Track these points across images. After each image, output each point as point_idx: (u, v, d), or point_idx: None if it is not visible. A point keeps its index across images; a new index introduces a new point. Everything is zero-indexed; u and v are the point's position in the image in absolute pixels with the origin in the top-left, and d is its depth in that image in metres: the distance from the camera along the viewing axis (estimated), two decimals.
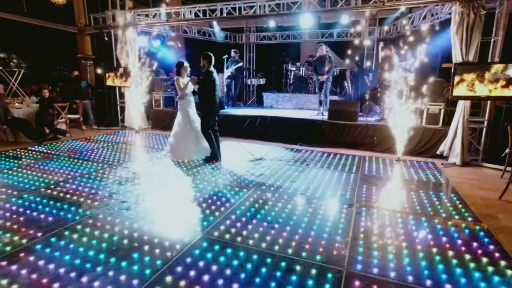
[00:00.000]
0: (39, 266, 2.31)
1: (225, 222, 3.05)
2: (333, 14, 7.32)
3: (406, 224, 3.07)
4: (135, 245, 2.62)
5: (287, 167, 5.07)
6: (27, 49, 11.55)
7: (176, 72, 5.37)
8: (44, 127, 6.85)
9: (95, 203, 3.48)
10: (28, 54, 8.94)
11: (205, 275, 2.21)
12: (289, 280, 2.17)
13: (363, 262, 2.40)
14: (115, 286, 2.09)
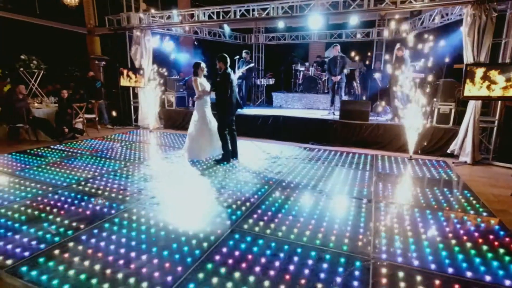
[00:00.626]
0: (89, 255, 2.50)
1: (252, 216, 3.23)
2: (343, 15, 7.43)
3: (424, 217, 3.24)
4: (172, 236, 2.81)
5: (303, 165, 5.24)
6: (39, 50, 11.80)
7: (193, 72, 5.41)
8: (64, 127, 7.08)
9: (127, 198, 3.68)
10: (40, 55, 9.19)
11: (242, 263, 2.40)
12: (320, 267, 2.35)
13: (387, 252, 2.57)
14: (162, 273, 2.28)
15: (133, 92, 9.13)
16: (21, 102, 6.47)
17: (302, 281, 2.20)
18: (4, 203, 3.47)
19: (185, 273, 2.27)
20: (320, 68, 10.39)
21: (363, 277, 2.24)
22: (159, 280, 2.19)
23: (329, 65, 7.89)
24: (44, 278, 2.21)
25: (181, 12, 7.99)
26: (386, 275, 2.26)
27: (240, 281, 2.19)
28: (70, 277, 2.23)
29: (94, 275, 2.25)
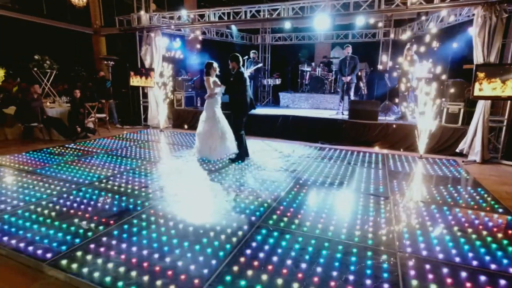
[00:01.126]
0: (123, 249, 2.59)
1: (275, 212, 3.32)
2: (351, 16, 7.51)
3: (442, 214, 3.33)
4: (201, 232, 2.90)
5: (316, 163, 5.33)
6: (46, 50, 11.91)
7: (205, 72, 5.40)
8: (77, 126, 7.17)
9: (150, 195, 3.77)
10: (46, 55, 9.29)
11: (273, 257, 2.49)
12: (349, 260, 2.44)
13: (411, 246, 2.66)
14: (197, 266, 2.37)
15: (143, 92, 9.22)
16: (36, 101, 6.56)
17: (334, 273, 2.29)
18: (32, 199, 3.55)
19: (220, 266, 2.36)
20: (327, 69, 10.49)
21: (392, 269, 2.33)
22: (196, 273, 2.28)
23: (340, 65, 7.95)
24: (85, 270, 2.30)
25: (191, 12, 8.08)
26: (414, 267, 2.35)
27: (274, 273, 2.28)
28: (109, 270, 2.31)
29: (132, 268, 2.34)
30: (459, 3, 5.65)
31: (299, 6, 6.84)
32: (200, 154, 5.53)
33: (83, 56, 15.40)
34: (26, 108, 6.47)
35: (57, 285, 2.24)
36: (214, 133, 5.41)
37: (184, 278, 2.22)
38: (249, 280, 2.20)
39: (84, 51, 15.75)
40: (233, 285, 2.15)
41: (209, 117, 5.40)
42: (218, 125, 5.42)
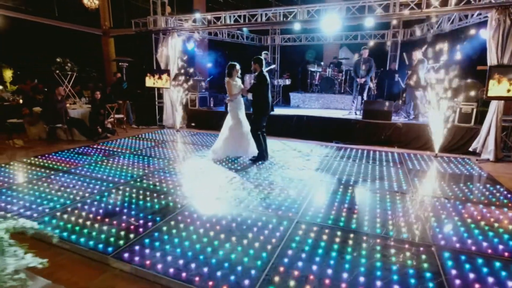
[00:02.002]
0: (176, 243, 2.78)
1: (310, 208, 3.51)
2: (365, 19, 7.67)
3: (467, 209, 3.52)
4: (244, 227, 3.09)
5: (337, 162, 5.52)
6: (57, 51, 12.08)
7: (227, 73, 5.44)
8: (98, 126, 7.36)
9: (186, 194, 3.96)
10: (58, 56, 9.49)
11: (318, 249, 2.68)
12: (389, 252, 2.64)
13: (444, 239, 2.86)
14: (250, 258, 2.56)
15: (158, 93, 9.40)
16: (60, 103, 6.75)
17: (377, 263, 2.48)
18: (77, 197, 3.75)
19: (271, 258, 2.56)
20: (337, 69, 10.66)
21: (431, 261, 2.53)
22: (250, 265, 2.47)
23: (355, 66, 8.12)
24: (148, 262, 2.49)
25: (208, 15, 8.25)
26: (451, 258, 2.55)
27: (323, 264, 2.47)
28: (169, 262, 2.51)
29: (189, 260, 2.53)
30: (473, 6, 5.83)
31: (315, 10, 7.01)
32: (222, 154, 5.64)
33: (92, 57, 15.58)
34: (51, 110, 6.65)
35: (123, 276, 2.43)
36: (236, 136, 5.55)
37: (241, 269, 2.41)
38: (301, 270, 2.40)
39: (93, 52, 15.93)
40: (287, 275, 2.34)
41: (233, 118, 5.54)
42: (241, 128, 5.56)
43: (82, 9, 15.17)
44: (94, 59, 15.69)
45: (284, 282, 2.25)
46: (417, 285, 2.22)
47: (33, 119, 7.06)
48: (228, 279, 2.29)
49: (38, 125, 7.05)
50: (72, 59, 13.53)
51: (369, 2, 6.52)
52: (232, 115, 5.57)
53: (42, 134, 7.14)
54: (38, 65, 12.78)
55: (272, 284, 2.24)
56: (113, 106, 7.80)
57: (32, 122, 7.08)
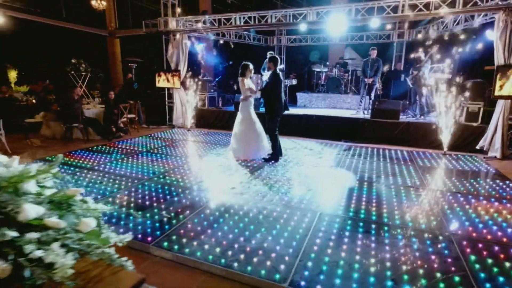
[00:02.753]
0: (210, 234, 2.96)
1: (330, 202, 3.69)
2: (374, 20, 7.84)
3: (480, 202, 3.70)
4: (271, 219, 3.26)
5: (349, 160, 5.70)
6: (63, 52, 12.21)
7: (240, 73, 5.49)
8: (112, 126, 7.53)
9: (209, 189, 4.13)
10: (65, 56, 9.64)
11: (343, 238, 2.86)
12: (412, 241, 2.81)
13: (460, 229, 3.03)
14: (281, 246, 2.73)
15: (168, 93, 9.57)
16: (77, 103, 6.92)
17: (402, 250, 2.66)
18: (107, 193, 3.92)
19: (302, 245, 2.73)
20: (343, 69, 10.84)
21: (451, 247, 2.70)
22: (283, 252, 2.64)
23: (364, 67, 8.29)
24: (187, 250, 2.67)
25: (217, 16, 8.42)
26: (469, 246, 2.72)
27: (351, 251, 2.65)
28: (207, 250, 2.68)
29: (225, 248, 2.70)
30: (480, 8, 6.01)
31: (324, 11, 7.19)
32: (236, 154, 5.67)
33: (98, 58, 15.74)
34: (68, 109, 6.82)
35: (163, 263, 2.61)
36: (250, 134, 5.57)
37: (275, 256, 2.59)
38: (330, 256, 2.57)
39: (99, 53, 16.09)
40: (319, 260, 2.52)
41: (245, 118, 5.55)
42: (253, 126, 5.59)
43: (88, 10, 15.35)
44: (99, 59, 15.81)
45: (317, 267, 2.43)
46: (440, 270, 2.40)
47: (49, 118, 7.23)
48: (264, 264, 2.46)
49: (56, 124, 7.22)
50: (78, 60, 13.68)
51: (378, 3, 6.69)
52: (244, 115, 5.58)
53: (57, 134, 7.30)
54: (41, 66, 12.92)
55: (307, 269, 2.41)
56: (126, 106, 7.97)
57: (48, 119, 7.22)
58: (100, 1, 13.32)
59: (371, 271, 2.38)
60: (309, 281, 2.27)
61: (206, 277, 2.43)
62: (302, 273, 2.35)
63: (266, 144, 5.76)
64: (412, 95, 8.04)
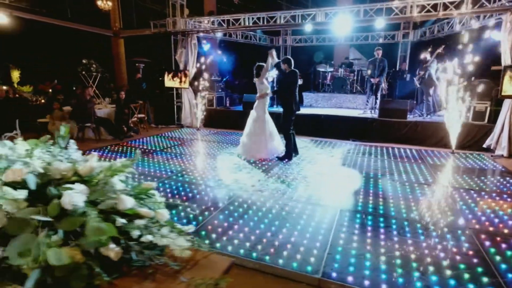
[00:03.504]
0: (237, 229, 3.07)
1: (348, 199, 3.81)
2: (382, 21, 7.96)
3: (492, 198, 3.82)
4: (293, 215, 3.38)
5: (360, 158, 5.82)
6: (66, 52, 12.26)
7: (255, 74, 5.65)
8: (123, 125, 7.63)
9: (229, 186, 4.24)
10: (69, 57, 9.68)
11: (367, 232, 2.97)
12: (431, 235, 2.93)
13: (478, 223, 3.16)
14: (308, 240, 2.85)
15: (176, 93, 9.67)
16: (90, 103, 7.01)
17: (423, 244, 2.78)
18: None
19: (328, 239, 2.85)
20: (349, 69, 10.96)
21: (470, 241, 2.82)
22: (311, 245, 2.76)
23: (370, 67, 8.41)
24: (218, 245, 2.78)
25: (226, 17, 8.52)
26: (488, 239, 2.84)
27: (375, 244, 2.76)
28: (237, 244, 2.79)
29: (254, 243, 2.81)
30: (488, 9, 6.14)
31: (333, 12, 7.30)
32: (246, 154, 5.68)
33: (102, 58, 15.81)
34: (81, 109, 6.92)
35: None
36: (263, 134, 5.62)
37: (303, 249, 2.70)
38: (356, 249, 2.69)
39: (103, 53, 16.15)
40: (346, 253, 2.63)
41: (259, 117, 5.62)
42: (267, 125, 5.65)
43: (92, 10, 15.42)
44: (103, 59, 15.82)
45: (346, 260, 2.55)
46: (463, 262, 2.52)
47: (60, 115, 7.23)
48: (294, 257, 2.58)
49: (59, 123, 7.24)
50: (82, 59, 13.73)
51: (387, 5, 6.81)
52: (259, 114, 5.65)
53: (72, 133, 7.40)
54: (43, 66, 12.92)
55: (336, 261, 2.52)
56: (136, 106, 8.07)
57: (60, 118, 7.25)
58: (106, 1, 13.42)
59: (397, 263, 2.50)
60: (340, 272, 2.38)
61: (239, 270, 2.53)
62: (332, 265, 2.46)
63: (278, 145, 5.83)
64: (419, 94, 8.17)
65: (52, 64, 13.40)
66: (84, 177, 1.09)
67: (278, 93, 5.89)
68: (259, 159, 5.60)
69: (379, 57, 8.12)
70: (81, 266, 0.81)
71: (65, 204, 0.88)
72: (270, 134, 5.74)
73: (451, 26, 8.51)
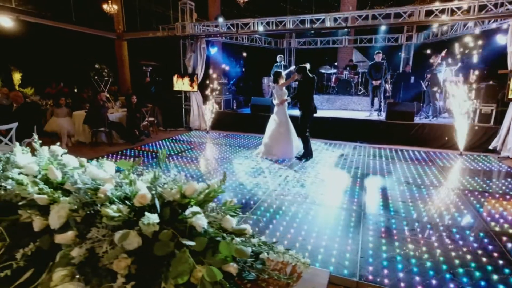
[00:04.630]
0: (271, 229, 3.19)
1: (369, 201, 3.95)
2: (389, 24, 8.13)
3: (507, 200, 3.98)
4: (320, 219, 3.51)
5: (372, 161, 5.96)
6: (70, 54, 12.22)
7: (273, 80, 6.10)
8: (135, 129, 7.71)
9: (253, 190, 4.36)
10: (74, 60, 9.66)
11: (392, 236, 3.11)
12: (454, 237, 3.07)
13: (498, 223, 3.31)
14: (339, 244, 2.98)
15: (185, 96, 9.75)
16: (103, 108, 7.09)
17: (449, 246, 2.92)
18: None
19: (358, 242, 2.98)
20: (353, 72, 11.12)
21: (493, 243, 2.97)
22: (342, 248, 2.89)
23: (370, 69, 8.61)
24: None
25: (235, 21, 8.62)
26: (509, 241, 2.99)
27: (402, 246, 2.90)
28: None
29: (288, 247, 2.92)
30: (494, 15, 6.31)
31: (343, 17, 7.44)
32: (269, 155, 6.02)
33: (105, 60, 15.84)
34: (96, 114, 6.99)
35: None
36: (285, 135, 5.98)
37: (336, 253, 2.83)
38: (386, 252, 2.82)
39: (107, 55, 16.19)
40: (378, 256, 2.77)
41: (281, 120, 5.95)
42: (290, 127, 6.02)
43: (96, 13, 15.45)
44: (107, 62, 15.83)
45: (379, 263, 2.68)
46: (490, 263, 2.66)
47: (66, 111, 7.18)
48: (330, 261, 2.70)
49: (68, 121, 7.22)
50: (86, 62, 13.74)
51: (395, 10, 6.97)
52: (280, 118, 5.97)
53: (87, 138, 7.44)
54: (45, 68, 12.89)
55: (369, 264, 2.65)
56: (147, 110, 8.15)
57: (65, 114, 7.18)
58: (111, 5, 13.46)
59: (428, 265, 2.63)
60: (375, 275, 2.51)
61: None
62: (367, 268, 2.60)
63: (297, 146, 6.17)
64: (426, 96, 8.35)
65: (54, 66, 13.33)
66: (189, 198, 1.20)
67: (296, 99, 6.06)
68: (283, 157, 5.96)
69: (378, 60, 8.31)
70: (223, 283, 0.93)
71: (197, 226, 1.00)
72: (291, 136, 6.09)
73: (455, 30, 8.70)
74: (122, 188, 1.16)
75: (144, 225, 0.95)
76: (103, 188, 1.11)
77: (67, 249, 1.01)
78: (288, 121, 6.01)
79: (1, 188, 1.25)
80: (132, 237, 0.95)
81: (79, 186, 1.16)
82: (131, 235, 0.95)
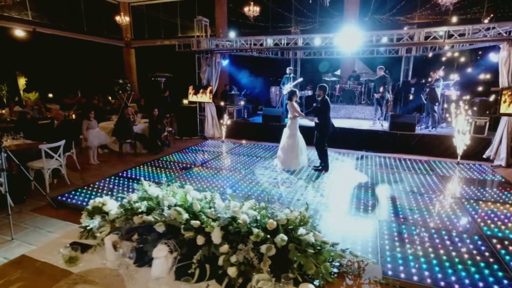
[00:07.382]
0: None
1: (382, 209, 4.61)
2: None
3: (499, 207, 4.67)
4: (341, 225, 4.16)
5: (380, 171, 6.62)
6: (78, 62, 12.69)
7: (288, 98, 6.69)
8: (157, 140, 8.31)
9: (280, 200, 5.00)
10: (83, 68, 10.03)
11: (405, 240, 3.77)
12: (454, 241, 3.74)
13: (489, 228, 3.98)
14: (361, 247, 3.63)
15: (200, 106, 10.36)
16: (131, 122, 7.69)
17: (454, 253, 3.58)
18: None
19: (376, 245, 3.63)
20: (357, 82, 11.81)
21: (486, 244, 3.65)
22: (365, 251, 3.54)
23: (375, 83, 9.33)
24: None
25: (249, 38, 9.26)
26: (502, 245, 3.67)
27: (414, 249, 3.56)
28: None
29: None
30: (489, 38, 7.02)
31: (349, 36, 8.11)
32: (283, 165, 6.66)
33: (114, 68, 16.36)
34: (124, 127, 7.58)
35: None
36: (295, 148, 6.59)
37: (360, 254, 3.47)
38: (401, 253, 3.48)
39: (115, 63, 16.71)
40: (394, 256, 3.43)
41: (293, 134, 6.57)
42: (298, 141, 6.62)
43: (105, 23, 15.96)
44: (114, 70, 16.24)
45: (395, 261, 3.34)
46: (482, 261, 3.33)
47: None
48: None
49: None
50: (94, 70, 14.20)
51: (399, 34, 7.66)
52: (292, 132, 6.56)
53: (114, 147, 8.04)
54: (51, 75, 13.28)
55: (388, 262, 3.31)
56: (167, 121, 8.76)
57: None
58: (123, 17, 14.01)
59: (434, 263, 3.30)
60: (394, 271, 3.17)
61: None
62: (386, 266, 3.25)
63: (305, 158, 6.78)
64: (425, 108, 9.06)
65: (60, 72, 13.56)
66: (292, 222, 1.84)
67: (317, 115, 6.59)
68: (288, 168, 6.57)
69: (380, 74, 9.04)
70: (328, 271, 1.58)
71: (307, 241, 1.65)
72: (301, 149, 6.66)
73: (452, 47, 9.42)
74: (253, 217, 1.81)
75: (279, 241, 1.60)
76: (244, 217, 1.75)
77: (225, 256, 1.65)
78: (297, 134, 6.56)
79: (163, 216, 1.88)
80: (272, 249, 1.60)
81: (220, 215, 1.81)
82: (272, 247, 1.60)
